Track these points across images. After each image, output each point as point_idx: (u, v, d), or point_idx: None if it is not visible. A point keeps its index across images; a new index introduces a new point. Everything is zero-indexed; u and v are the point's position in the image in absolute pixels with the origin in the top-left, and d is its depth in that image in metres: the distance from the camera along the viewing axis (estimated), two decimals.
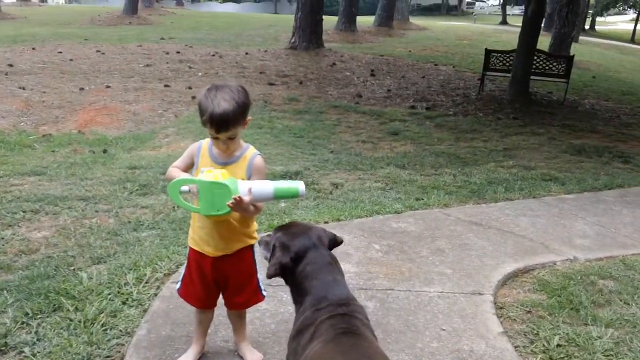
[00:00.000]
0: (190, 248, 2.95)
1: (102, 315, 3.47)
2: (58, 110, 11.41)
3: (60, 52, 17.84)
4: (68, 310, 3.52)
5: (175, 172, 2.85)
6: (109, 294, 3.73)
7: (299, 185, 2.61)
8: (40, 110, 11.32)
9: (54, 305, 3.58)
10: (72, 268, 4.22)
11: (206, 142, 2.86)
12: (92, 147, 8.94)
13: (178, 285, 3.07)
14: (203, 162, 2.81)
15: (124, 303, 3.64)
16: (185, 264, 3.05)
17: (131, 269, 4.08)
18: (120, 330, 3.34)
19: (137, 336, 3.26)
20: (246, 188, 2.59)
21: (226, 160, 2.80)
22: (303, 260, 2.37)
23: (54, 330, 3.30)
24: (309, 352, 2.14)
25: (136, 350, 3.13)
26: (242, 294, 3.03)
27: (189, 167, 2.90)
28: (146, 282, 3.92)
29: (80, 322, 3.38)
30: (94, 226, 5.13)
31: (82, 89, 13.07)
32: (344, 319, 2.22)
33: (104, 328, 3.34)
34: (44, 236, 4.87)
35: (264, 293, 3.09)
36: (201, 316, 3.09)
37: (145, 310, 3.56)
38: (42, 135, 9.71)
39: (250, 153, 2.84)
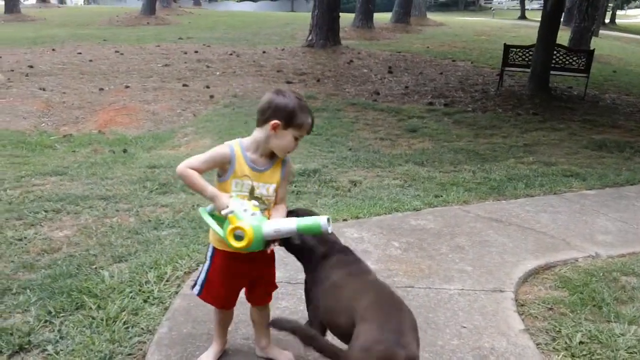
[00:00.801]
0: (217, 249, 2.90)
1: (123, 313, 3.49)
2: (78, 111, 11.51)
3: (80, 53, 17.99)
4: (90, 308, 3.54)
5: (198, 177, 2.72)
6: (131, 292, 3.75)
7: (320, 220, 2.63)
8: (61, 111, 11.42)
9: (77, 303, 3.61)
10: (94, 267, 4.25)
11: (238, 148, 2.80)
12: (112, 147, 9.01)
13: (198, 289, 2.99)
14: (240, 169, 2.76)
15: (145, 301, 3.67)
16: (205, 266, 2.98)
17: (152, 268, 4.10)
18: (142, 328, 3.36)
19: (158, 334, 3.28)
20: (272, 229, 2.65)
21: (263, 167, 2.82)
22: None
23: (76, 329, 3.33)
24: (330, 280, 2.71)
25: (158, 347, 3.15)
26: (267, 285, 3.10)
27: (207, 171, 2.79)
28: (167, 281, 3.94)
29: (102, 320, 3.41)
30: (115, 225, 5.17)
31: (101, 89, 13.17)
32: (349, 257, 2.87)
33: (125, 326, 3.37)
34: (65, 235, 4.91)
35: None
36: (222, 315, 3.09)
37: (166, 308, 3.58)
38: (62, 136, 9.80)
39: (283, 157, 2.88)
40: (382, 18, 31.33)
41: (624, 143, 9.96)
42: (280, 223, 2.69)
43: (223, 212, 2.61)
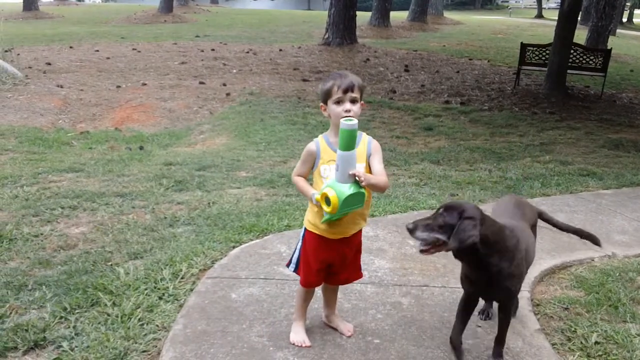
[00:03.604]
0: (309, 232, 3.12)
1: (138, 310, 3.50)
2: (95, 108, 11.58)
3: (97, 51, 18.10)
4: (105, 305, 3.56)
5: (302, 182, 3.09)
6: (146, 289, 3.77)
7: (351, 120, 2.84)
8: (78, 108, 11.49)
9: (92, 300, 3.63)
10: (110, 263, 4.27)
11: (322, 139, 3.06)
12: (129, 144, 9.05)
13: (294, 267, 3.24)
14: (327, 155, 3.00)
15: (160, 298, 3.68)
16: (299, 246, 3.22)
17: (167, 265, 4.12)
18: (157, 325, 3.37)
19: (173, 331, 3.29)
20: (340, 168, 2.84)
21: None
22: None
23: (91, 325, 3.35)
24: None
25: (172, 345, 3.16)
26: (348, 270, 3.27)
27: (309, 170, 3.10)
28: (182, 278, 3.95)
29: (117, 317, 3.42)
30: (131, 222, 5.18)
31: (118, 86, 13.24)
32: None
33: (140, 323, 3.38)
34: (81, 232, 4.93)
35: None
36: (306, 294, 3.27)
37: (181, 306, 3.59)
38: (79, 133, 9.85)
39: (366, 138, 3.11)
40: (398, 16, 31.27)
41: None
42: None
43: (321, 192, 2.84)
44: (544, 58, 15.19)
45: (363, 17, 26.09)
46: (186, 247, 4.51)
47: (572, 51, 14.71)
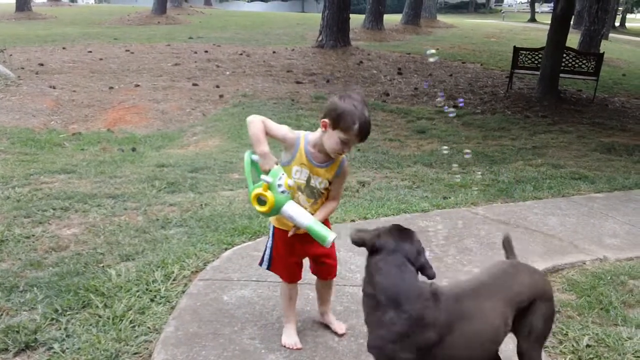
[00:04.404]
0: (277, 228, 3.16)
1: (130, 312, 3.50)
2: (88, 109, 11.55)
3: (90, 52, 18.06)
4: (97, 306, 3.55)
5: (261, 128, 2.87)
6: (137, 291, 3.76)
7: (329, 235, 2.87)
8: (70, 109, 11.47)
9: (83, 301, 3.62)
10: (101, 265, 4.26)
11: (303, 140, 3.00)
12: (121, 146, 9.04)
13: (267, 264, 3.27)
14: (299, 159, 2.99)
15: (152, 300, 3.67)
16: (269, 243, 3.24)
17: (159, 267, 4.11)
18: (148, 327, 3.36)
19: (164, 333, 3.28)
20: (288, 212, 2.87)
21: (322, 163, 3.02)
22: None
23: (83, 327, 3.34)
24: None
25: (164, 347, 3.15)
26: (333, 267, 3.32)
27: (272, 138, 2.93)
28: (174, 280, 3.95)
29: (108, 318, 3.41)
30: (123, 224, 5.17)
31: (111, 88, 13.22)
32: None
33: (132, 325, 3.37)
34: (73, 233, 4.92)
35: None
36: (289, 290, 3.29)
37: (172, 308, 3.58)
38: (71, 134, 9.83)
39: (340, 158, 3.06)
40: (392, 19, 31.32)
41: (633, 146, 9.91)
42: (299, 213, 2.88)
43: (265, 178, 2.80)
44: (536, 62, 15.24)
45: (357, 19, 26.13)
46: (178, 249, 4.50)
47: (564, 55, 14.76)
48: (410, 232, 2.64)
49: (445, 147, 6.28)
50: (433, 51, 2.72)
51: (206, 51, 19.07)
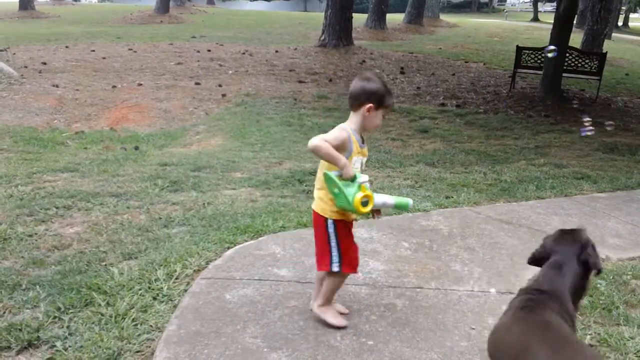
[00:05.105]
0: (338, 221, 3.27)
1: (132, 310, 3.50)
2: (90, 108, 11.56)
3: (93, 51, 18.07)
4: (99, 305, 3.55)
5: (331, 148, 3.05)
6: (140, 289, 3.76)
7: (409, 200, 3.29)
8: (73, 108, 11.47)
9: (86, 300, 3.62)
10: (104, 263, 4.26)
11: (350, 131, 3.21)
12: (124, 144, 9.04)
13: (338, 266, 3.28)
14: (355, 150, 3.21)
15: (154, 298, 3.67)
16: (334, 242, 3.27)
17: (162, 265, 4.11)
18: (151, 326, 3.36)
19: (167, 331, 3.29)
20: (381, 201, 3.19)
21: (363, 144, 3.28)
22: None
23: (85, 325, 3.34)
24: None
25: (166, 345, 3.16)
26: None
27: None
28: (176, 278, 3.95)
29: (111, 317, 3.42)
30: (126, 222, 5.17)
31: (114, 86, 13.22)
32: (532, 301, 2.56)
33: (134, 323, 3.37)
34: (76, 232, 4.93)
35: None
36: (344, 280, 3.51)
37: (175, 306, 3.59)
38: (74, 133, 9.84)
39: (369, 133, 3.45)
40: (394, 19, 31.31)
41: (636, 146, 9.89)
42: (384, 197, 3.22)
43: (360, 180, 3.07)
44: (539, 61, 15.21)
45: (359, 19, 26.12)
46: (181, 247, 4.50)
47: (567, 55, 14.73)
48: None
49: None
50: (552, 47, 2.91)
51: (209, 50, 19.07)
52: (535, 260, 2.85)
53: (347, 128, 3.19)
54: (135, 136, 9.81)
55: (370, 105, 3.17)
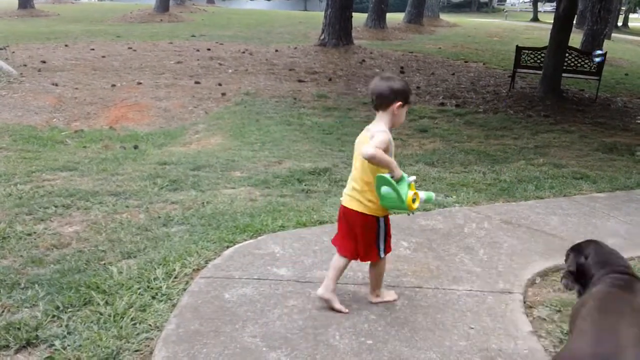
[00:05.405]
0: (385, 217, 3.53)
1: (131, 309, 3.50)
2: (90, 107, 11.56)
3: (93, 49, 18.06)
4: (98, 304, 3.55)
5: (385, 154, 3.25)
6: (139, 288, 3.76)
7: (433, 194, 3.48)
8: (73, 107, 11.47)
9: (85, 299, 3.62)
10: (103, 262, 4.26)
11: (388, 130, 3.39)
12: (123, 143, 9.04)
13: (383, 253, 3.57)
14: (393, 147, 3.41)
15: (153, 298, 3.67)
16: (382, 235, 3.53)
17: (160, 264, 4.11)
18: (150, 325, 3.36)
19: (166, 331, 3.29)
20: (425, 196, 3.38)
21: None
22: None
23: (84, 324, 3.34)
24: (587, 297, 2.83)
25: (165, 344, 3.15)
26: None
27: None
28: (175, 277, 3.95)
29: (110, 316, 3.41)
30: (125, 221, 5.17)
31: (113, 85, 13.22)
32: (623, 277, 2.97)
33: (133, 322, 3.37)
34: (75, 231, 4.93)
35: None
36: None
37: (174, 305, 3.59)
38: (74, 131, 9.84)
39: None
40: (394, 18, 31.29)
41: (635, 146, 9.88)
42: (422, 194, 3.37)
43: (409, 180, 3.32)
44: (539, 61, 15.21)
45: (359, 18, 26.12)
46: (180, 246, 4.50)
47: (567, 55, 14.73)
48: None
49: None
50: (599, 52, 2.97)
51: (209, 49, 19.07)
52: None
53: (386, 129, 3.35)
54: (134, 135, 9.80)
55: (400, 103, 3.35)
